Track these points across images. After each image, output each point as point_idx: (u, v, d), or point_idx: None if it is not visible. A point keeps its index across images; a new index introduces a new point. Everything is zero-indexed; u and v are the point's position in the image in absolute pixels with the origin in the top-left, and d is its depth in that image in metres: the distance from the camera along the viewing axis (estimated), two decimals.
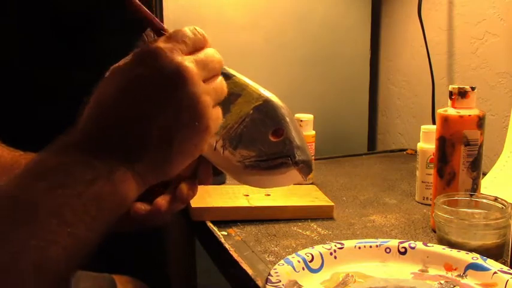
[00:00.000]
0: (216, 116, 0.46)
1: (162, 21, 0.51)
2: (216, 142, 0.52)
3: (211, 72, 0.47)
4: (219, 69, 0.48)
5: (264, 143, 0.51)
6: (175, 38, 0.45)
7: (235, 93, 0.53)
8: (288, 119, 0.52)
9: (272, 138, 0.51)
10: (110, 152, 0.42)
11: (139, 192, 0.44)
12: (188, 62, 0.44)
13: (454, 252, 0.62)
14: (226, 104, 0.53)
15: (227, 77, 0.54)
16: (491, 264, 0.59)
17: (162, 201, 0.53)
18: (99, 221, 0.41)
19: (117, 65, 0.45)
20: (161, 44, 0.44)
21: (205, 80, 0.46)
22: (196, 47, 0.46)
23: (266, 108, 0.52)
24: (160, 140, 0.43)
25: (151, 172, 0.44)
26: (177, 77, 0.43)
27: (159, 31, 0.49)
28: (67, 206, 0.39)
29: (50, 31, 1.25)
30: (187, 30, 0.46)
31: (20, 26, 1.25)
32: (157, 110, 0.43)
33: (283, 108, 0.53)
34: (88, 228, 0.40)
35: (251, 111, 0.52)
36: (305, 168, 0.52)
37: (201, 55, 0.46)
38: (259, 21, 1.24)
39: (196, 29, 0.47)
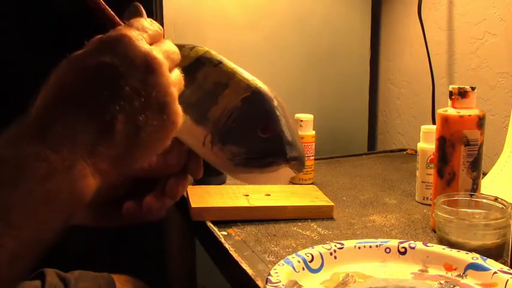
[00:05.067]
0: (180, 111, 0.44)
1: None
2: (205, 137, 0.50)
3: (173, 63, 0.45)
4: (178, 61, 0.46)
5: (253, 139, 0.49)
6: (137, 26, 0.43)
7: (223, 83, 0.50)
8: (277, 112, 0.50)
9: (261, 134, 0.49)
10: (68, 144, 0.38)
11: (97, 188, 0.40)
12: (156, 52, 0.42)
13: (454, 252, 0.62)
14: (213, 95, 0.50)
15: (213, 64, 0.51)
16: (491, 264, 0.59)
17: (152, 199, 0.51)
18: (50, 222, 0.37)
19: (75, 53, 0.41)
20: (126, 31, 0.42)
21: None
22: (155, 38, 0.44)
23: (254, 101, 0.49)
24: (124, 133, 0.40)
25: (112, 168, 0.40)
26: (147, 66, 0.41)
27: (115, 24, 0.47)
28: (15, 206, 0.35)
29: (50, 32, 1.25)
30: (145, 21, 0.45)
31: (20, 26, 1.25)
32: (124, 100, 0.40)
33: (273, 100, 0.50)
34: (37, 230, 0.36)
35: (239, 104, 0.49)
36: (297, 164, 0.50)
37: (164, 46, 0.44)
38: (260, 21, 1.24)
39: (152, 21, 0.45)
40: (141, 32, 0.43)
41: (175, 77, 0.44)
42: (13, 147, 0.37)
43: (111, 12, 0.47)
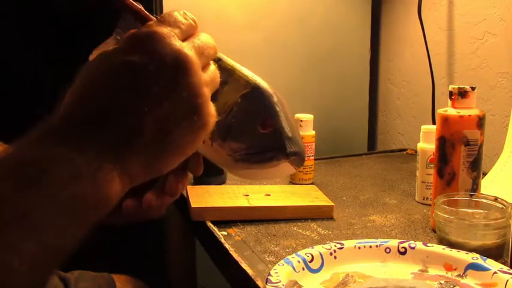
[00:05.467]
0: (213, 111, 0.42)
1: None
2: None
3: (207, 59, 0.43)
4: (214, 55, 0.44)
5: (253, 135, 0.49)
6: (169, 22, 0.41)
7: (222, 79, 0.49)
8: (277, 108, 0.50)
9: (261, 130, 0.49)
10: (95, 145, 0.37)
11: (123, 193, 0.39)
12: (188, 49, 0.40)
13: (454, 252, 0.62)
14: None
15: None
16: (491, 264, 0.59)
17: (152, 196, 0.50)
18: (74, 226, 0.36)
19: (105, 49, 0.40)
20: (156, 28, 0.40)
21: (202, 69, 0.42)
22: (189, 32, 0.43)
23: (254, 97, 0.49)
24: (153, 135, 0.38)
25: (140, 171, 0.39)
26: (178, 66, 0.39)
27: (146, 20, 0.45)
28: (37, 209, 0.33)
29: (50, 32, 1.25)
30: (178, 14, 0.43)
31: (20, 26, 1.25)
32: (153, 101, 0.38)
33: (272, 96, 0.50)
34: (60, 235, 0.35)
35: (239, 100, 0.49)
36: (297, 160, 0.51)
37: (198, 41, 0.42)
38: (260, 21, 1.24)
39: (186, 13, 0.43)
40: (172, 27, 0.41)
41: (209, 75, 0.43)
42: (37, 147, 0.36)
43: (140, 7, 0.45)
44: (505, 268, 0.58)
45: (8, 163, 0.35)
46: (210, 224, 0.77)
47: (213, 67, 0.44)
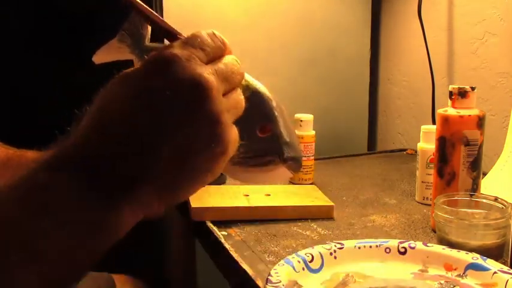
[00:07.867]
0: (234, 137, 0.40)
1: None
2: None
3: (231, 85, 0.41)
4: (239, 81, 0.43)
5: (251, 138, 0.49)
6: (193, 43, 0.40)
7: None
8: (276, 113, 0.50)
9: (260, 134, 0.49)
10: (107, 176, 0.36)
11: (136, 221, 0.39)
12: (208, 74, 0.38)
13: (454, 252, 0.62)
14: None
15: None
16: (491, 264, 0.59)
17: None
18: (80, 255, 0.36)
19: (125, 71, 0.39)
20: (177, 50, 0.38)
21: (224, 94, 0.40)
22: (215, 55, 0.41)
23: (254, 101, 0.49)
24: (170, 164, 0.37)
25: (154, 200, 0.38)
26: (196, 92, 0.37)
27: (172, 36, 0.44)
28: (41, 236, 0.34)
29: (51, 32, 1.25)
30: (205, 35, 0.41)
31: (20, 26, 1.25)
32: (171, 128, 0.37)
33: (272, 100, 0.51)
34: (64, 264, 0.35)
35: None
36: (293, 165, 0.51)
37: (222, 65, 0.41)
38: (260, 21, 1.24)
39: (215, 34, 0.42)
40: (196, 49, 0.39)
41: (231, 101, 0.41)
42: (50, 175, 0.35)
43: (169, 25, 0.44)
44: (505, 268, 0.58)
45: (22, 186, 0.35)
46: (210, 224, 0.77)
47: (237, 93, 0.42)
